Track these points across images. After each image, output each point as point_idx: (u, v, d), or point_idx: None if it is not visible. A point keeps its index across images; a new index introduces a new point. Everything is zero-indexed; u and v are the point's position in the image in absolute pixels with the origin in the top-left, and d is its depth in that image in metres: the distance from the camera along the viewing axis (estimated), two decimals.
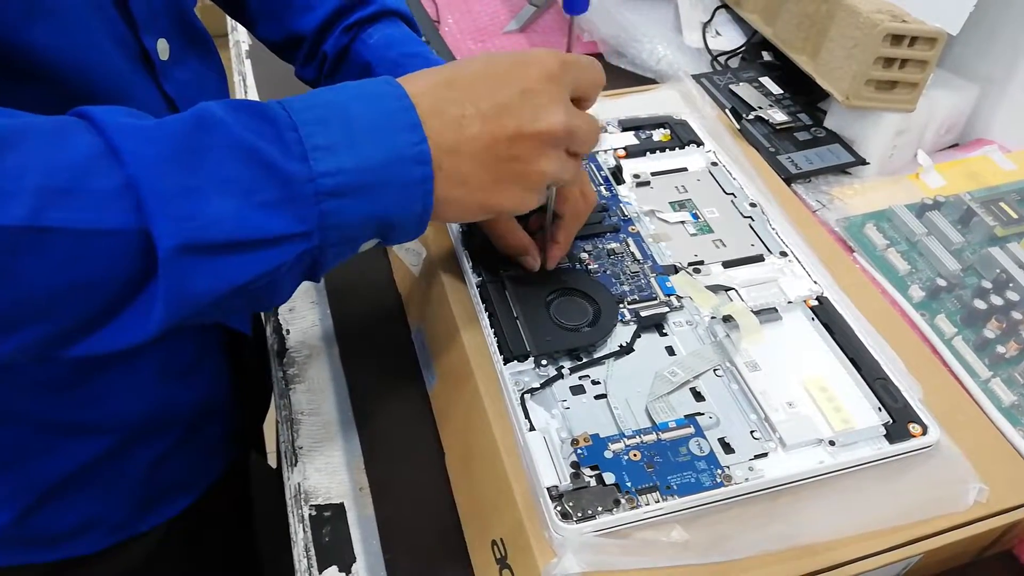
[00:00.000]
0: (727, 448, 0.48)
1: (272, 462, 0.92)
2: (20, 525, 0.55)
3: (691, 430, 0.49)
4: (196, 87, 0.56)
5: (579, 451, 0.47)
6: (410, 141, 0.39)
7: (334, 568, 0.51)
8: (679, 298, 0.57)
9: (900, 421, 0.50)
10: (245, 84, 0.93)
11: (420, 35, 0.66)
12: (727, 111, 0.81)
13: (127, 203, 0.34)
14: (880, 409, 0.51)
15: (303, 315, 0.67)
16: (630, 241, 0.61)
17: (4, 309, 0.33)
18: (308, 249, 0.38)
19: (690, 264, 0.60)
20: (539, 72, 0.43)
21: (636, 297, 0.57)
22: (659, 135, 0.73)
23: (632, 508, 0.44)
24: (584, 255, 0.60)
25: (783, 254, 0.61)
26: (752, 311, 0.56)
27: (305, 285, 0.69)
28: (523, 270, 0.56)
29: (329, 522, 0.53)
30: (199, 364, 0.62)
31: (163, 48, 0.51)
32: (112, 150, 0.34)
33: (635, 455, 0.47)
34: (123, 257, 0.34)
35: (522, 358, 0.52)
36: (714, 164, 0.70)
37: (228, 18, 1.06)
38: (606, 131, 0.73)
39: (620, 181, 0.67)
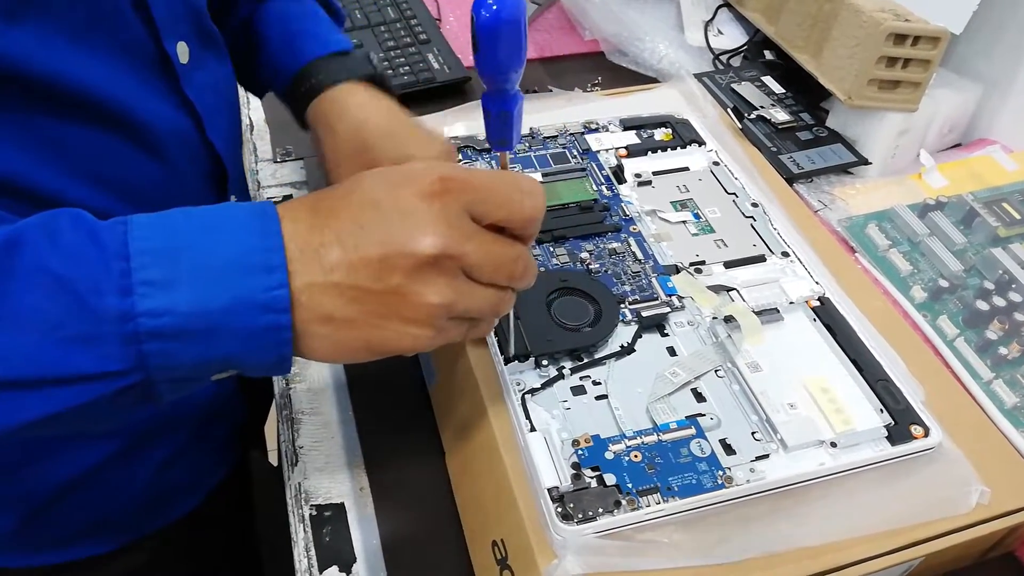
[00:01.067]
0: (728, 449, 0.48)
1: (273, 460, 0.92)
2: (26, 528, 0.55)
3: (692, 431, 0.48)
4: (213, 89, 0.56)
5: (580, 452, 0.47)
6: (264, 285, 0.35)
7: (334, 568, 0.51)
8: (680, 298, 0.57)
9: (902, 423, 0.50)
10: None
11: (341, 18, 0.65)
12: (729, 110, 0.81)
13: None
14: (882, 411, 0.51)
15: None
16: (631, 241, 0.61)
17: None
18: (130, 385, 0.34)
19: (691, 264, 0.60)
20: (413, 190, 0.37)
21: (637, 297, 0.57)
22: (661, 134, 0.73)
23: (633, 509, 0.44)
24: (585, 255, 0.60)
25: (785, 254, 0.61)
26: (753, 311, 0.56)
27: None
28: None
29: (329, 522, 0.53)
30: None
31: (183, 51, 0.51)
32: None
33: (636, 456, 0.47)
34: None
35: (523, 358, 0.52)
36: (716, 164, 0.70)
37: None
38: (607, 130, 0.72)
39: (622, 180, 0.67)
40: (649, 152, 0.71)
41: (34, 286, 0.33)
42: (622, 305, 0.56)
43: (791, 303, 0.57)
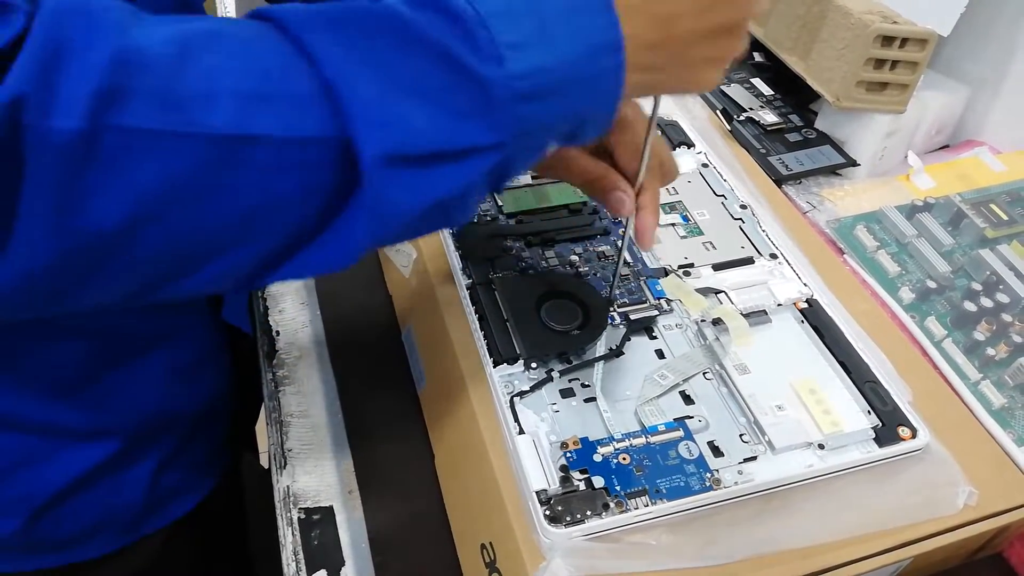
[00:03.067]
0: (716, 451, 0.48)
1: (264, 462, 0.92)
2: (27, 531, 0.55)
3: (680, 433, 0.48)
4: None
5: (568, 454, 0.47)
6: (604, 24, 0.35)
7: (323, 571, 0.51)
8: (669, 301, 0.57)
9: (889, 424, 0.50)
10: None
11: None
12: (718, 112, 0.81)
13: (326, 109, 0.31)
14: (869, 412, 0.51)
15: (293, 316, 0.66)
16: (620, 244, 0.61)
17: (209, 232, 0.31)
18: (501, 160, 0.34)
19: (680, 267, 0.60)
20: None
21: (626, 300, 0.57)
22: None
23: (621, 512, 0.44)
24: (574, 258, 0.60)
25: (773, 256, 0.61)
26: (742, 314, 0.56)
27: (295, 285, 0.69)
28: (611, 212, 0.52)
29: (318, 525, 0.53)
30: (204, 363, 0.61)
31: None
32: (303, 52, 0.31)
33: (624, 458, 0.47)
34: (325, 168, 0.32)
35: (512, 361, 0.52)
36: (704, 165, 0.70)
37: (221, 13, 1.05)
38: None
39: None
40: None
41: (424, 61, 0.32)
42: (611, 308, 0.56)
43: (779, 305, 0.57)
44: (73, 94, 0.26)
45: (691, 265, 0.60)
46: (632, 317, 0.55)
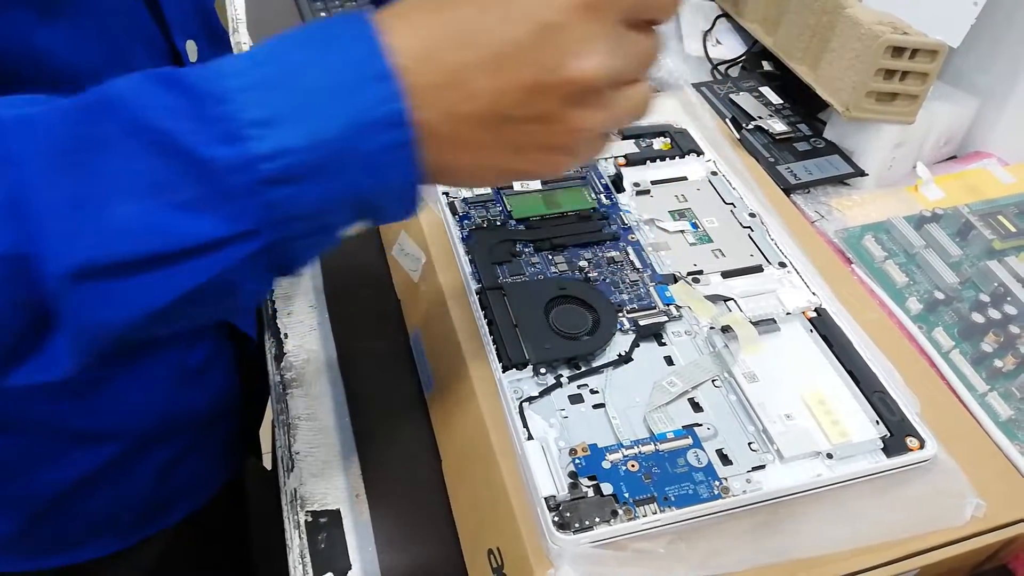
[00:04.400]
0: (725, 460, 0.48)
1: (267, 463, 0.92)
2: (29, 531, 0.55)
3: (689, 441, 0.49)
4: None
5: (577, 461, 0.47)
6: (376, 97, 0.30)
7: (330, 575, 0.51)
8: (678, 308, 0.57)
9: (898, 435, 0.50)
10: None
11: None
12: (728, 121, 0.81)
13: (11, 223, 0.27)
14: (878, 422, 0.51)
15: (301, 319, 0.67)
16: (629, 250, 0.61)
17: None
18: (260, 249, 0.30)
19: (689, 274, 0.60)
20: (565, 2, 0.31)
21: (635, 306, 0.57)
22: (659, 144, 0.73)
23: (629, 519, 0.44)
24: (584, 263, 0.60)
25: (782, 265, 0.61)
26: (751, 322, 0.56)
27: (303, 287, 0.69)
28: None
29: (325, 528, 0.53)
30: (210, 367, 0.61)
31: (192, 49, 0.51)
32: None
33: (633, 465, 0.47)
34: (16, 286, 0.28)
35: (521, 366, 0.52)
36: (714, 174, 0.70)
37: (229, 19, 1.06)
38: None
39: (620, 189, 0.67)
40: (648, 161, 0.71)
41: (136, 147, 0.28)
42: (620, 314, 0.56)
43: (788, 314, 0.57)
44: None
45: (700, 272, 0.60)
46: (641, 323, 0.55)
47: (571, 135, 0.33)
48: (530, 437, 0.48)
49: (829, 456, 0.49)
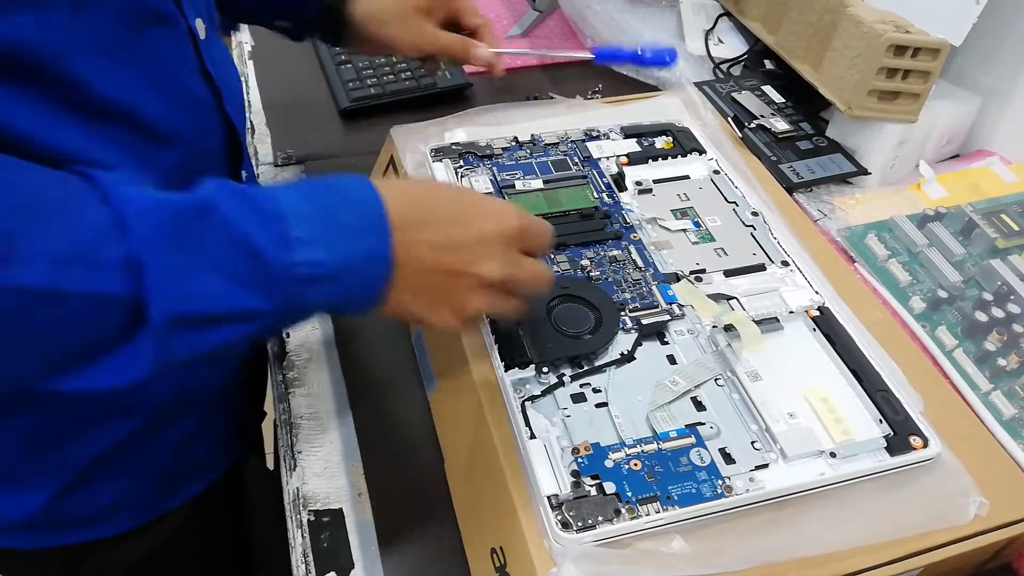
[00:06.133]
0: (728, 458, 0.48)
1: (270, 463, 0.92)
2: (53, 507, 0.56)
3: (692, 440, 0.48)
4: (229, 66, 0.59)
5: (580, 460, 0.47)
6: (379, 244, 0.43)
7: (332, 574, 0.51)
8: (680, 306, 0.57)
9: (901, 433, 0.50)
10: (248, 86, 0.93)
11: None
12: (730, 120, 0.81)
13: (129, 274, 0.37)
14: (881, 421, 0.51)
15: None
16: (632, 249, 0.61)
17: (10, 356, 0.37)
18: (267, 325, 0.42)
19: (692, 272, 0.60)
20: (496, 227, 0.47)
21: (638, 305, 0.57)
22: (661, 142, 0.73)
23: (632, 518, 0.44)
24: (586, 262, 0.60)
25: (784, 263, 0.61)
26: (753, 320, 0.56)
27: None
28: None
29: (328, 527, 0.53)
30: None
31: (200, 27, 0.53)
32: (119, 223, 0.37)
33: (636, 464, 0.47)
34: (116, 319, 0.38)
35: (523, 365, 0.52)
36: (716, 172, 0.70)
37: None
38: (608, 138, 0.73)
39: (622, 188, 0.67)
40: (650, 160, 0.71)
41: (223, 242, 0.39)
42: (622, 313, 0.56)
43: (791, 312, 0.57)
44: None
45: (703, 271, 0.60)
46: (644, 322, 0.55)
47: (468, 309, 0.47)
48: (532, 436, 0.48)
49: (832, 455, 0.49)
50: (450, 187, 0.51)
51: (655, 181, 0.69)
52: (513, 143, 0.70)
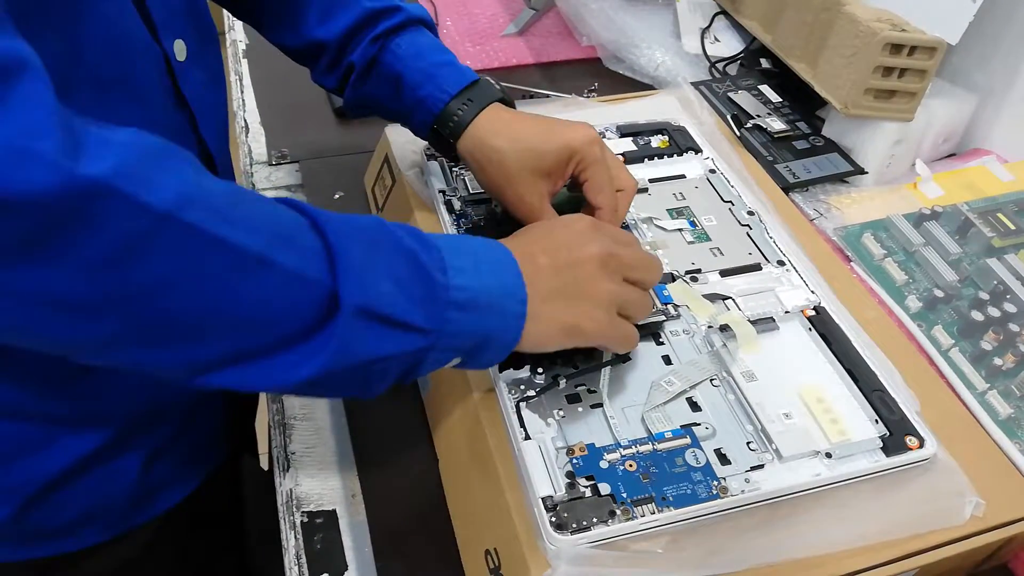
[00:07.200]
0: (723, 459, 0.48)
1: (264, 464, 0.91)
2: (20, 519, 0.55)
3: (687, 441, 0.48)
4: (211, 86, 0.57)
5: (574, 461, 0.47)
6: (515, 283, 0.47)
7: (326, 575, 0.51)
8: (676, 307, 0.57)
9: (897, 434, 0.50)
10: (242, 84, 0.93)
11: (436, 35, 0.67)
12: (728, 119, 0.81)
13: (325, 263, 0.41)
14: (877, 421, 0.50)
15: None
16: None
17: (206, 321, 0.38)
18: (422, 347, 0.44)
19: (687, 272, 0.60)
20: (582, 224, 0.51)
21: None
22: (657, 141, 0.73)
23: (627, 519, 0.44)
24: None
25: (780, 263, 0.61)
26: (749, 321, 0.56)
27: None
28: None
29: (321, 529, 0.53)
30: None
31: (180, 49, 0.52)
32: (315, 226, 0.42)
33: (631, 465, 0.47)
34: (312, 303, 0.40)
35: (518, 365, 0.51)
36: (712, 172, 0.70)
37: (225, 16, 1.05)
38: (604, 137, 0.72)
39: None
40: (646, 159, 0.71)
41: (398, 255, 0.43)
42: None
43: (787, 312, 0.57)
44: (167, 185, 0.35)
45: (698, 271, 0.60)
46: (639, 322, 0.55)
47: (602, 292, 0.49)
48: (527, 437, 0.48)
49: (828, 455, 0.48)
50: (544, 222, 0.55)
51: (651, 180, 0.68)
52: None
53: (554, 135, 0.58)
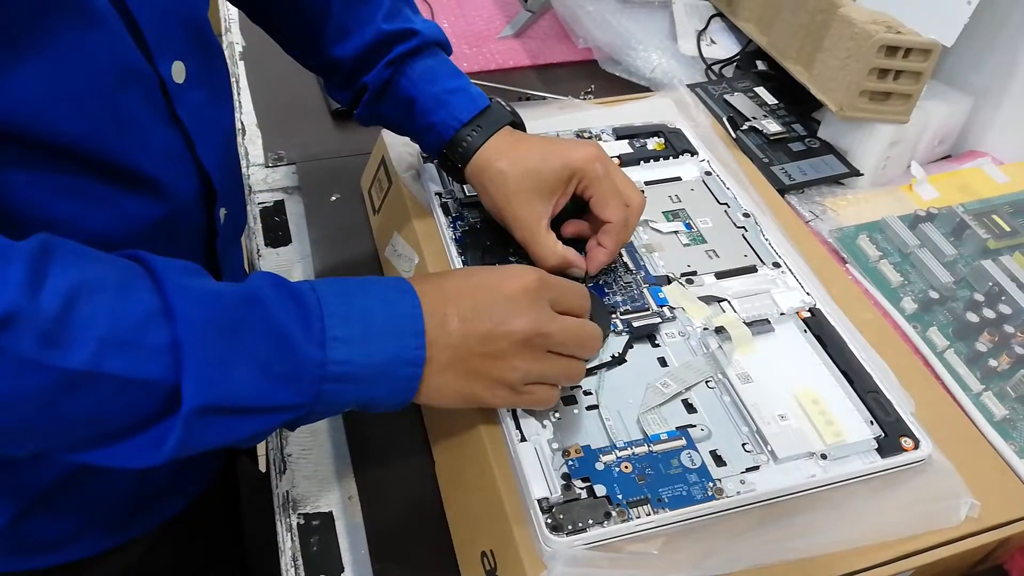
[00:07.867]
0: (719, 461, 0.48)
1: (262, 466, 0.91)
2: (15, 530, 0.55)
3: (683, 442, 0.48)
4: (213, 103, 0.55)
5: (570, 462, 0.47)
6: (412, 345, 0.45)
7: None
8: (672, 309, 0.57)
9: (892, 435, 0.50)
10: (238, 87, 0.93)
11: (450, 54, 0.66)
12: (725, 121, 0.81)
13: (170, 359, 0.38)
14: (872, 423, 0.51)
15: None
16: (623, 251, 0.61)
17: (35, 429, 0.38)
18: (291, 419, 0.43)
19: (683, 275, 0.60)
20: (518, 284, 0.47)
21: (629, 307, 0.57)
22: (653, 144, 0.73)
23: (623, 521, 0.44)
24: None
25: (776, 265, 0.61)
26: (745, 323, 0.56)
27: None
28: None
29: (317, 531, 0.53)
30: None
31: (179, 71, 0.50)
32: (167, 310, 0.39)
33: (626, 467, 0.47)
34: (150, 400, 0.38)
35: None
36: (708, 174, 0.70)
37: (222, 19, 1.05)
38: (600, 139, 0.72)
39: None
40: (642, 162, 0.71)
41: (264, 334, 0.41)
42: (613, 315, 0.56)
43: (782, 314, 0.57)
44: None
45: (694, 273, 0.60)
46: (635, 324, 0.55)
47: (510, 372, 0.46)
48: (523, 439, 0.48)
49: (823, 457, 0.49)
50: (483, 268, 0.52)
51: (647, 183, 0.68)
52: None
53: (553, 155, 0.58)
